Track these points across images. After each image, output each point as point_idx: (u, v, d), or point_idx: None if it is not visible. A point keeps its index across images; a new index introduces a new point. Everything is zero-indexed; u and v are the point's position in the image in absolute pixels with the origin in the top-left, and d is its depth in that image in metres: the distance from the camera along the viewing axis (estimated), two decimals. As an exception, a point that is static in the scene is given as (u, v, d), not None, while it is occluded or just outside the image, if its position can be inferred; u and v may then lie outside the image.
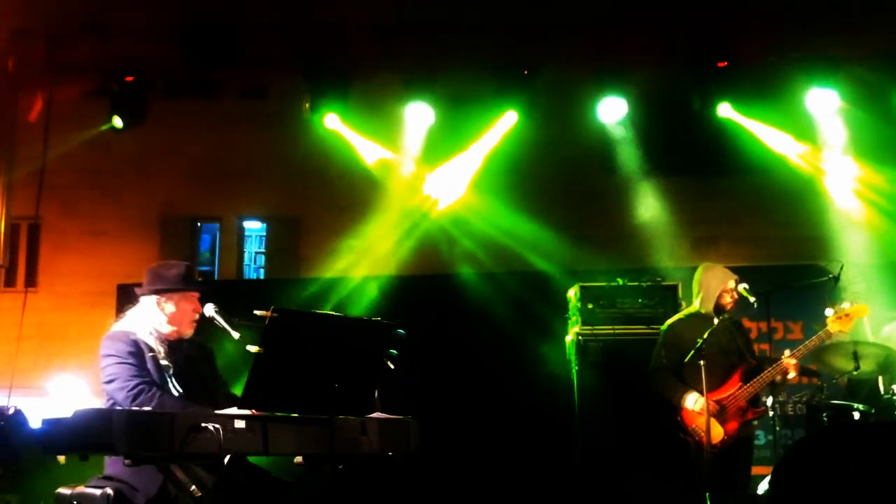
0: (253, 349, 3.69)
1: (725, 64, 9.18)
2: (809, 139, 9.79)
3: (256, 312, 3.73)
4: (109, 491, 3.86)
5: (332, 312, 4.04)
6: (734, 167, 10.30)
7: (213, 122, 10.85)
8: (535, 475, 7.62)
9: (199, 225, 11.54)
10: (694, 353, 5.36)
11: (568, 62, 9.61)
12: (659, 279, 7.25)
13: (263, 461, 4.23)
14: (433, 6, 9.40)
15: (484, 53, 9.53)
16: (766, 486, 6.30)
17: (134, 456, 3.47)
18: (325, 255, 10.38)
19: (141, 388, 4.03)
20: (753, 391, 5.57)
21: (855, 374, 6.23)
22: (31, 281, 11.02)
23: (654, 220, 10.28)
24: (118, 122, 9.68)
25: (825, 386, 6.62)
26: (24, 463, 6.74)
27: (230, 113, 10.68)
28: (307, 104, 9.65)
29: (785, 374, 5.58)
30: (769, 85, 9.56)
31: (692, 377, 5.52)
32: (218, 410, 3.83)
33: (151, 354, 4.19)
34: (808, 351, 5.70)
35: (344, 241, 10.30)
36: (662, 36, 9.59)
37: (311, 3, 9.57)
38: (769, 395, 5.85)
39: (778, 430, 6.77)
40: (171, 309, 4.33)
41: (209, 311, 4.32)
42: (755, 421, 5.74)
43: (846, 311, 5.70)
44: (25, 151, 9.98)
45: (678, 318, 5.96)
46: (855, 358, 6.17)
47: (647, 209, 10.32)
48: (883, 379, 6.28)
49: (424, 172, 10.26)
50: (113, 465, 3.98)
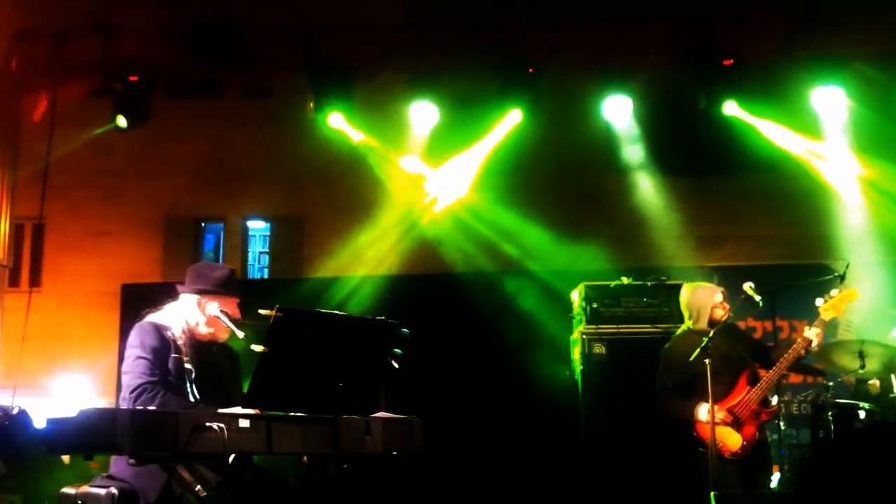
0: (257, 348, 3.68)
1: (731, 62, 9.15)
2: (815, 137, 9.76)
3: (261, 312, 3.71)
4: (114, 490, 3.85)
5: (336, 312, 4.01)
6: (740, 166, 10.26)
7: (216, 121, 10.86)
8: (538, 475, 7.61)
9: (202, 225, 11.54)
10: (697, 366, 5.31)
11: (572, 60, 9.58)
12: (664, 278, 7.24)
13: (266, 461, 4.22)
14: (437, 5, 9.38)
15: (488, 52, 9.50)
16: (775, 482, 6.28)
17: (138, 455, 3.47)
18: (328, 254, 10.38)
19: (144, 387, 4.02)
20: (762, 392, 5.52)
21: (861, 372, 6.21)
22: (35, 281, 11.03)
23: (658, 219, 10.26)
24: (122, 121, 9.68)
25: (831, 385, 6.61)
26: (28, 463, 6.74)
27: (234, 113, 10.70)
28: (311, 104, 9.65)
29: (808, 344, 5.52)
30: (775, 83, 9.53)
31: (702, 392, 5.43)
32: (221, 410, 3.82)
33: (177, 356, 4.16)
34: (822, 327, 5.63)
35: (347, 240, 10.29)
36: (667, 34, 9.56)
37: (314, 2, 9.55)
38: (774, 394, 5.83)
39: (783, 429, 6.77)
40: (211, 311, 4.29)
41: (214, 310, 4.30)
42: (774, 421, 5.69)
43: (836, 297, 5.66)
44: (29, 151, 9.98)
45: (674, 338, 5.91)
46: (861, 357, 6.16)
47: (651, 208, 10.30)
48: (889, 380, 6.25)
49: (428, 172, 10.25)
50: (117, 464, 3.98)
